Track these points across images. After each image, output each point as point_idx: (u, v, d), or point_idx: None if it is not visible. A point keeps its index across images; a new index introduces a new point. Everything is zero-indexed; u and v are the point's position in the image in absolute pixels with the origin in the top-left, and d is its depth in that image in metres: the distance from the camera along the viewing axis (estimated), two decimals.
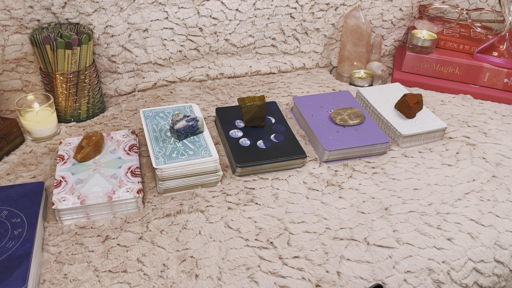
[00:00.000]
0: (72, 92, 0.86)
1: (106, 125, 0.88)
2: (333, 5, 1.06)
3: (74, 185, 0.67)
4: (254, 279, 0.58)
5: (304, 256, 0.61)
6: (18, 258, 0.56)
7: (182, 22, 0.97)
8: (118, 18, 0.91)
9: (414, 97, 0.86)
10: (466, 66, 1.01)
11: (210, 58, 1.04)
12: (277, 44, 1.07)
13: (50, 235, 0.63)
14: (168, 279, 0.58)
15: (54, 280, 0.57)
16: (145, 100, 0.96)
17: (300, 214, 0.68)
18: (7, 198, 0.65)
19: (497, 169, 0.78)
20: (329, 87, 1.04)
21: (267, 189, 0.73)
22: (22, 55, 0.86)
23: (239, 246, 0.62)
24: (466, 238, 0.65)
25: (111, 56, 0.94)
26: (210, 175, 0.71)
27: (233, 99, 0.98)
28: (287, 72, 1.11)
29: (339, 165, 0.78)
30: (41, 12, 0.85)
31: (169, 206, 0.69)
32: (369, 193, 0.72)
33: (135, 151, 0.76)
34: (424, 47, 1.02)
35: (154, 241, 0.63)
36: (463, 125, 0.90)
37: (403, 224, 0.66)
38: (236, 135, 0.80)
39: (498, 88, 1.00)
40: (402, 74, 1.06)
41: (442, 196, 0.72)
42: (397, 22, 1.14)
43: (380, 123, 0.88)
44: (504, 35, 1.00)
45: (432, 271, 0.60)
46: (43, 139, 0.82)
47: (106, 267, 0.59)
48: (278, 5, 1.02)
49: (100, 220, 0.66)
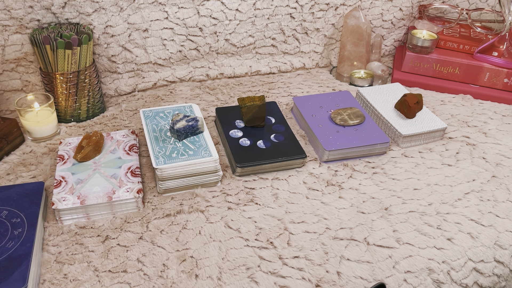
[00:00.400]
0: (72, 92, 0.86)
1: (106, 125, 0.88)
2: (333, 5, 1.06)
3: (74, 185, 0.67)
4: (254, 279, 0.58)
5: (304, 256, 0.61)
6: (18, 258, 0.56)
7: (182, 22, 0.97)
8: (118, 18, 0.91)
9: (414, 97, 0.86)
10: (466, 66, 1.01)
11: (210, 58, 1.04)
12: (277, 44, 1.07)
13: (50, 235, 0.63)
14: (168, 279, 0.58)
15: (54, 280, 0.57)
16: (145, 100, 0.96)
17: (300, 214, 0.68)
18: (7, 198, 0.65)
19: (497, 169, 0.78)
20: (329, 87, 1.04)
21: (267, 189, 0.73)
22: (22, 55, 0.86)
23: (239, 246, 0.62)
24: (466, 238, 0.65)
25: (111, 56, 0.94)
26: (210, 175, 0.71)
27: (233, 99, 0.98)
28: (287, 72, 1.11)
29: (339, 165, 0.78)
30: (41, 12, 0.85)
31: (169, 206, 0.69)
32: (369, 193, 0.72)
33: (135, 151, 0.76)
34: (424, 47, 1.02)
35: (154, 241, 0.63)
36: (463, 125, 0.90)
37: (403, 224, 0.66)
38: (236, 135, 0.80)
39: (498, 88, 1.00)
40: (402, 74, 1.06)
41: (442, 196, 0.72)
42: (397, 22, 1.14)
43: (380, 123, 0.88)
44: (504, 35, 1.00)
45: (432, 271, 0.60)
46: (43, 139, 0.82)
47: (106, 267, 0.59)
48: (278, 5, 1.02)
49: (100, 220, 0.66)
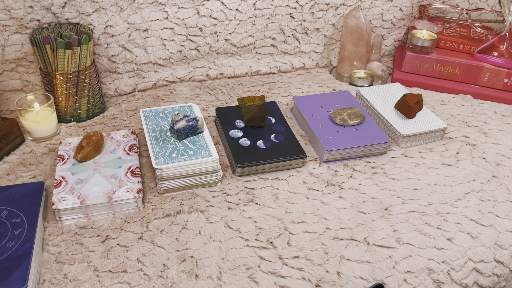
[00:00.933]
0: (72, 92, 0.86)
1: (106, 125, 0.88)
2: (333, 5, 1.06)
3: (74, 185, 0.67)
4: (254, 279, 0.58)
5: (304, 256, 0.61)
6: (18, 258, 0.56)
7: (182, 22, 0.97)
8: (118, 18, 0.91)
9: (414, 97, 0.86)
10: (466, 66, 1.01)
11: (210, 58, 1.04)
12: (277, 44, 1.07)
13: (50, 235, 0.63)
14: (168, 279, 0.58)
15: (54, 280, 0.57)
16: (145, 100, 0.96)
17: (300, 214, 0.68)
18: (7, 198, 0.65)
19: (497, 169, 0.78)
20: (329, 87, 1.04)
21: (267, 189, 0.73)
22: (22, 55, 0.86)
23: (239, 246, 0.62)
24: (466, 238, 0.65)
25: (111, 56, 0.94)
26: (210, 175, 0.71)
27: (233, 99, 0.98)
28: (287, 72, 1.11)
29: (339, 165, 0.78)
30: (41, 12, 0.85)
31: (169, 206, 0.69)
32: (369, 193, 0.72)
33: (135, 151, 0.76)
34: (424, 47, 1.02)
35: (154, 241, 0.63)
36: (463, 125, 0.90)
37: (403, 224, 0.66)
38: (236, 135, 0.80)
39: (498, 88, 1.00)
40: (402, 74, 1.06)
41: (442, 196, 0.72)
42: (397, 22, 1.14)
43: (380, 123, 0.88)
44: (504, 35, 1.00)
45: (432, 271, 0.60)
46: (43, 139, 0.82)
47: (106, 267, 0.59)
48: (278, 5, 1.02)
49: (100, 220, 0.66)
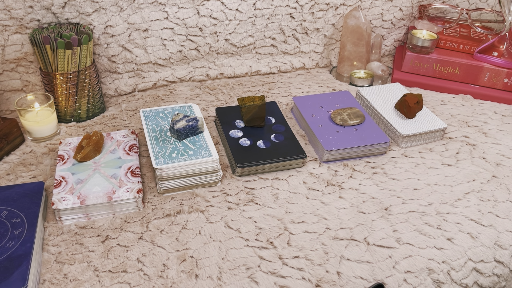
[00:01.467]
0: (72, 92, 0.86)
1: (106, 125, 0.88)
2: (333, 5, 1.06)
3: (74, 185, 0.67)
4: (254, 279, 0.58)
5: (304, 256, 0.61)
6: (18, 258, 0.56)
7: (182, 22, 0.97)
8: (118, 18, 0.91)
9: (414, 97, 0.86)
10: (466, 66, 1.01)
11: (210, 58, 1.04)
12: (277, 44, 1.07)
13: (50, 235, 0.63)
14: (168, 279, 0.58)
15: (54, 280, 0.57)
16: (145, 100, 0.96)
17: (300, 214, 0.68)
18: (7, 198, 0.65)
19: (497, 169, 0.78)
20: (329, 87, 1.04)
21: (267, 189, 0.73)
22: (22, 55, 0.86)
23: (239, 246, 0.62)
24: (466, 238, 0.65)
25: (111, 56, 0.94)
26: (210, 175, 0.71)
27: (233, 99, 0.98)
28: (287, 72, 1.11)
29: (339, 165, 0.78)
30: (41, 12, 0.85)
31: (169, 206, 0.69)
32: (369, 193, 0.72)
33: (135, 151, 0.76)
34: (424, 47, 1.02)
35: (154, 241, 0.63)
36: (463, 125, 0.90)
37: (403, 224, 0.66)
38: (236, 135, 0.80)
39: (498, 88, 1.00)
40: (402, 74, 1.06)
41: (442, 196, 0.72)
42: (397, 22, 1.14)
43: (380, 123, 0.88)
44: (504, 35, 1.00)
45: (432, 271, 0.60)
46: (43, 139, 0.82)
47: (106, 267, 0.59)
48: (278, 5, 1.02)
49: (100, 220, 0.66)
